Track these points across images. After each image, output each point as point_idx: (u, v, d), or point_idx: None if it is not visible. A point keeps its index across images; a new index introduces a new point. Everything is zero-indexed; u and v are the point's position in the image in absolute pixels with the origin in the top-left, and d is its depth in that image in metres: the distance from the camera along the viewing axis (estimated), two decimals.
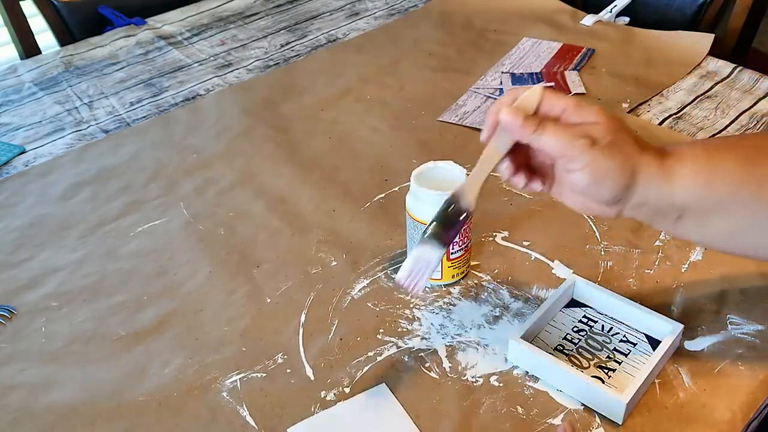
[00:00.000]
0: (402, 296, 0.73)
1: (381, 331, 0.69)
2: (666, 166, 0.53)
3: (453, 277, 0.73)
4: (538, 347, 0.63)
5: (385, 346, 0.68)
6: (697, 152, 0.54)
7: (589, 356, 0.64)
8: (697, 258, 0.75)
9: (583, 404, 0.61)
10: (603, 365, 0.64)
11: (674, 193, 0.53)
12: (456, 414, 0.61)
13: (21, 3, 1.41)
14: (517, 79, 1.10)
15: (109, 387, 0.66)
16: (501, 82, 1.10)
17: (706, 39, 1.17)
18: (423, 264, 0.57)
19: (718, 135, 0.94)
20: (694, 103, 1.04)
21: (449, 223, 0.56)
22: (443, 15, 1.34)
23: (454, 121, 1.02)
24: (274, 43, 1.29)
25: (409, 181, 0.73)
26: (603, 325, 0.67)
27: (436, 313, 0.71)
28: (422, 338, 0.68)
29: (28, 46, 1.41)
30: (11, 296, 0.77)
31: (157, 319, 0.73)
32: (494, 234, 0.80)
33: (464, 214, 0.56)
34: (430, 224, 0.56)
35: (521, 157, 0.56)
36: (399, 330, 0.69)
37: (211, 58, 1.25)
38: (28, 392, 0.66)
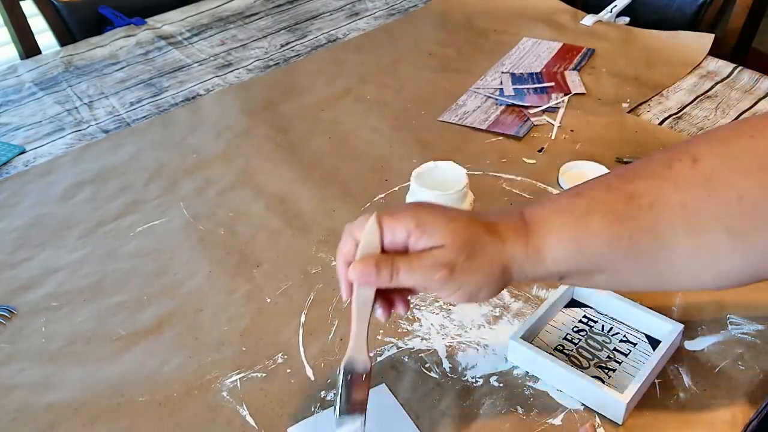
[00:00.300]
0: None
1: (381, 331, 0.69)
2: (533, 245, 0.51)
3: None
4: (538, 347, 0.63)
5: (385, 347, 0.68)
6: (564, 220, 0.51)
7: (589, 356, 0.64)
8: None
9: (583, 404, 0.61)
10: (603, 365, 0.64)
11: (548, 266, 0.51)
12: (456, 414, 0.61)
13: (21, 3, 1.41)
14: (517, 79, 1.10)
15: (109, 387, 0.66)
16: (501, 82, 1.10)
17: (706, 39, 1.17)
18: None
19: None
20: (694, 103, 1.04)
21: (355, 390, 0.55)
22: (443, 15, 1.34)
23: (454, 121, 1.02)
24: (274, 43, 1.29)
25: (409, 181, 0.73)
26: (603, 325, 0.67)
27: (436, 314, 0.71)
28: (422, 339, 0.68)
29: (28, 46, 1.42)
30: (11, 296, 0.77)
31: (157, 319, 0.73)
32: None
33: (364, 375, 0.54)
34: (337, 402, 0.55)
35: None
36: (399, 330, 0.69)
37: (211, 58, 1.25)
38: (28, 392, 0.66)
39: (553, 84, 1.09)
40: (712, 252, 0.49)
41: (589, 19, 1.27)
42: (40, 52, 1.42)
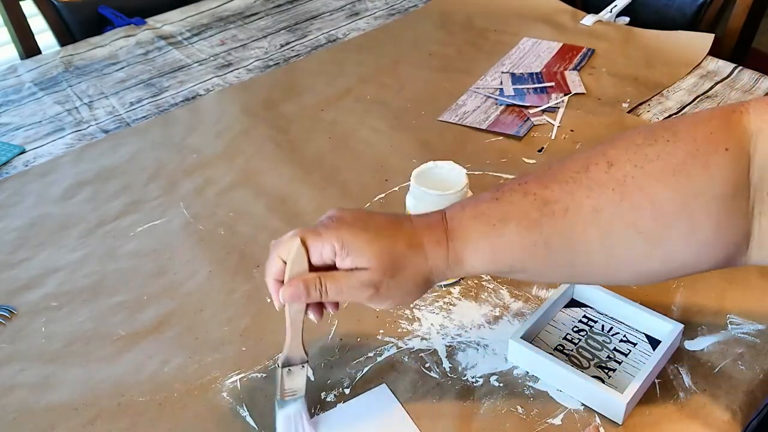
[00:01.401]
0: None
1: (381, 331, 0.69)
2: (452, 255, 0.53)
3: None
4: (538, 347, 0.63)
5: (385, 347, 0.68)
6: (480, 228, 0.52)
7: (589, 356, 0.64)
8: None
9: (583, 404, 0.61)
10: (603, 365, 0.64)
11: (467, 270, 0.54)
12: (456, 414, 0.61)
13: (21, 3, 1.41)
14: (518, 79, 1.10)
15: (109, 386, 0.66)
16: (501, 82, 1.10)
17: (706, 39, 1.17)
18: (296, 419, 0.59)
19: None
20: (694, 102, 1.04)
21: (294, 378, 0.59)
22: (443, 15, 1.34)
23: (454, 121, 1.02)
24: (274, 43, 1.29)
25: (409, 181, 0.73)
26: (603, 325, 0.67)
27: (436, 314, 0.71)
28: (422, 338, 0.68)
29: (28, 46, 1.41)
30: (11, 296, 0.77)
31: (157, 319, 0.73)
32: None
33: (303, 366, 0.59)
34: (278, 389, 0.59)
35: None
36: (399, 330, 0.69)
37: (211, 58, 1.25)
38: (28, 392, 0.66)
39: (553, 84, 1.09)
40: (628, 254, 0.50)
41: (589, 19, 1.27)
42: (40, 52, 1.41)
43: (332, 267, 0.53)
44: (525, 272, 0.54)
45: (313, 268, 0.53)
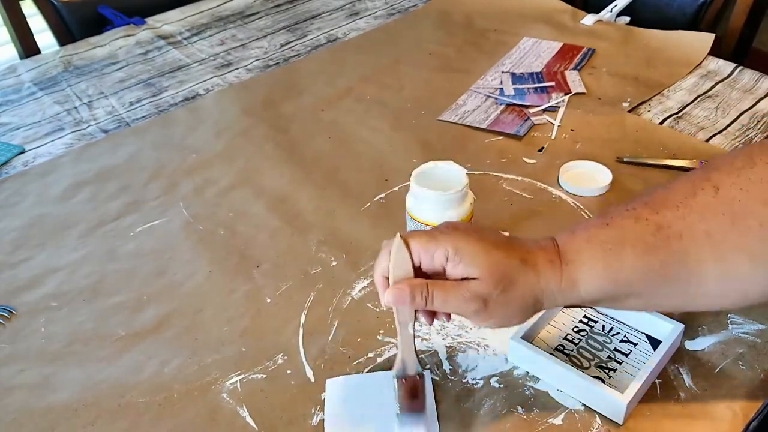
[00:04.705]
0: None
1: (381, 332, 0.69)
2: (567, 278, 0.52)
3: None
4: (539, 347, 0.63)
5: (386, 347, 0.67)
6: (595, 252, 0.52)
7: (590, 356, 0.64)
8: None
9: (583, 404, 0.61)
10: (603, 365, 0.63)
11: (582, 296, 0.53)
12: (456, 415, 0.61)
13: (21, 3, 1.41)
14: (518, 79, 1.10)
15: (109, 387, 0.66)
16: (501, 82, 1.10)
17: (706, 38, 1.16)
18: None
19: (717, 135, 0.94)
20: (695, 102, 1.04)
21: (412, 390, 0.57)
22: (443, 15, 1.34)
23: (454, 121, 1.02)
24: (274, 42, 1.29)
25: (409, 181, 0.73)
26: (603, 325, 0.67)
27: None
28: (422, 339, 0.68)
29: (27, 46, 1.42)
30: (11, 296, 0.77)
31: (156, 319, 0.73)
32: None
33: (419, 377, 0.57)
34: (396, 403, 0.57)
35: None
36: None
37: (211, 58, 1.25)
38: (28, 392, 0.66)
39: (553, 83, 1.09)
40: (738, 278, 0.51)
41: (589, 19, 1.27)
42: (39, 52, 1.41)
43: (441, 275, 0.52)
44: (639, 298, 0.53)
45: (422, 273, 0.53)
